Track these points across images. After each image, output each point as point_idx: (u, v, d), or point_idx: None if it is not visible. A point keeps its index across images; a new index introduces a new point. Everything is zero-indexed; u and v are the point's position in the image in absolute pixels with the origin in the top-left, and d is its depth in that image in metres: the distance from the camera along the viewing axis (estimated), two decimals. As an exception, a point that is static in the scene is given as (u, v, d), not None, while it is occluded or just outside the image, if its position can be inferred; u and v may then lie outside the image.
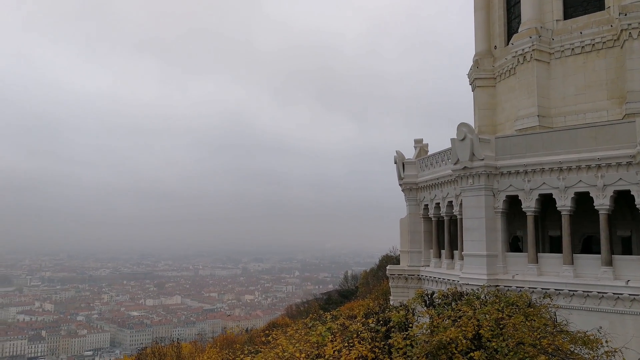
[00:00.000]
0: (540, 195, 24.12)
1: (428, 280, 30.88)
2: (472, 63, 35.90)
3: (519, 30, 30.67)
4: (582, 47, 28.73)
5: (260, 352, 14.83)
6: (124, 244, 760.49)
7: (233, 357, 21.71)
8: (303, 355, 13.18)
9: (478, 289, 18.69)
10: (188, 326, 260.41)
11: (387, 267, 34.72)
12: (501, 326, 13.57)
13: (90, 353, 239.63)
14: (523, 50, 29.76)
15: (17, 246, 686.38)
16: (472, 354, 12.73)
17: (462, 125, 25.74)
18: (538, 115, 28.97)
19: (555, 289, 22.47)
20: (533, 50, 29.26)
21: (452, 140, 26.12)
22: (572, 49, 29.06)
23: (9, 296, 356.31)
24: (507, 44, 32.70)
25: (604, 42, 28.12)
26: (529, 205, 24.34)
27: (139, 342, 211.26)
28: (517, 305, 15.79)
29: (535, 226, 24.76)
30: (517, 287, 23.26)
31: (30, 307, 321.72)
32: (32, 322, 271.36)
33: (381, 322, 14.89)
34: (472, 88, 36.21)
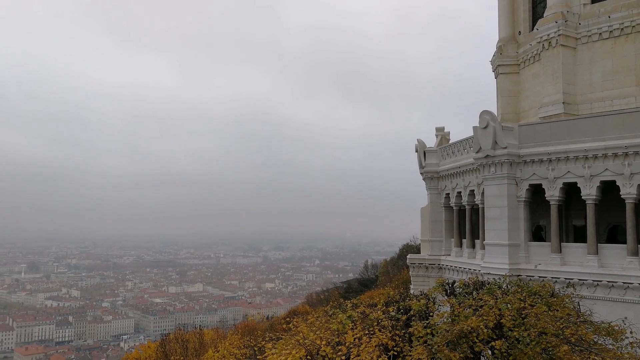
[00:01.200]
0: (564, 184, 23.71)
1: (449, 269, 30.71)
2: (495, 49, 35.29)
3: (545, 15, 29.97)
4: (610, 31, 27.96)
5: (282, 339, 14.96)
6: (147, 232, 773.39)
7: (255, 344, 22.02)
8: (324, 342, 13.25)
9: (500, 279, 18.51)
10: (210, 313, 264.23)
11: (408, 256, 34.62)
12: (523, 316, 13.44)
13: (115, 338, 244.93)
14: (548, 35, 29.10)
15: (44, 234, 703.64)
16: (493, 343, 12.66)
17: (485, 113, 25.37)
18: (563, 103, 28.37)
19: (579, 279, 22.13)
20: (559, 35, 28.59)
21: (475, 128, 25.78)
22: (600, 33, 28.31)
23: (37, 282, 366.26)
24: (532, 30, 32.02)
25: (634, 27, 27.31)
26: (553, 194, 23.94)
27: (162, 328, 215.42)
28: (540, 295, 15.60)
29: (559, 215, 24.37)
30: (539, 277, 22.98)
31: (58, 293, 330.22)
32: (60, 308, 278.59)
33: (402, 310, 14.87)
34: (495, 75, 35.61)
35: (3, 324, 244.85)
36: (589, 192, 22.80)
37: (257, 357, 15.01)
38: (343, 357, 12.45)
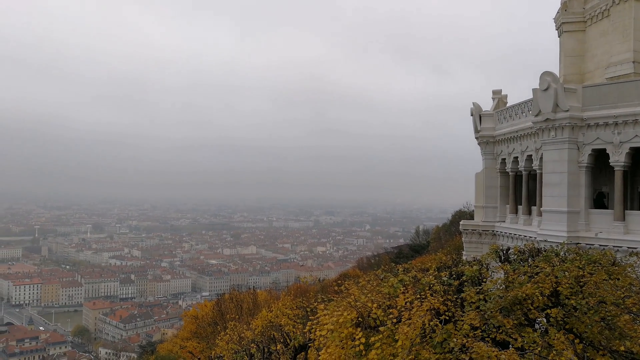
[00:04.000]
0: (631, 148, 22.43)
1: (503, 236, 30.08)
2: (559, 6, 33.25)
3: (615, -33, 27.85)
4: (689, -17, 25.73)
5: (333, 301, 15.20)
6: (202, 196, 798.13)
7: (307, 305, 22.57)
8: (375, 305, 13.38)
9: (557, 246, 17.97)
10: (263, 275, 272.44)
11: (461, 222, 34.12)
12: (581, 284, 13.04)
13: (174, 296, 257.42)
14: (618, -11, 27.11)
15: (107, 196, 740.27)
16: (549, 310, 12.40)
17: (546, 74, 24.16)
18: (633, 62, 26.58)
19: (644, 248, 21.16)
20: (630, -11, 26.60)
21: (534, 90, 24.65)
22: (677, -14, 26.11)
23: (101, 242, 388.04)
24: (600, -16, 29.88)
25: None
26: (618, 159, 22.74)
27: (217, 288, 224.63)
28: (600, 264, 15.03)
29: (623, 182, 23.19)
30: (600, 245, 22.13)
31: (120, 252, 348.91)
32: (123, 267, 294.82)
33: (454, 276, 14.74)
34: (559, 34, 33.67)
35: (73, 280, 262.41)
36: (658, 157, 21.53)
37: (310, 317, 15.38)
38: (394, 320, 12.56)
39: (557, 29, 33.89)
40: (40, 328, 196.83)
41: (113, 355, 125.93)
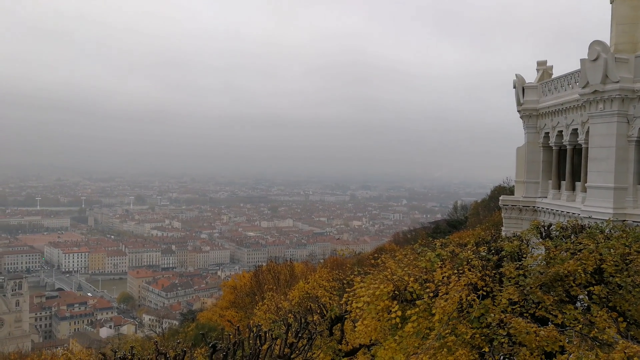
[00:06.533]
0: (685, 122, 21.34)
1: (544, 212, 29.35)
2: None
3: None
4: None
5: (370, 274, 15.24)
6: (240, 169, 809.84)
7: (343, 277, 22.77)
8: (411, 279, 13.35)
9: (602, 223, 17.41)
10: (299, 248, 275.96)
11: (501, 198, 33.44)
12: (627, 262, 12.64)
13: (213, 267, 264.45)
14: (678, -49, 25.40)
15: (149, 169, 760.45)
16: (591, 288, 12.10)
17: (595, 44, 23.07)
18: (691, 30, 25.05)
19: (695, 227, 20.27)
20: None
21: (582, 60, 23.61)
22: None
23: (144, 213, 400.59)
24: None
25: None
26: (671, 133, 21.67)
27: (255, 260, 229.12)
28: (648, 242, 14.51)
29: (676, 157, 22.16)
30: (648, 222, 21.33)
31: (162, 224, 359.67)
32: (164, 237, 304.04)
33: (492, 251, 14.52)
34: (611, 0, 31.95)
35: (117, 250, 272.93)
36: None
37: (346, 290, 15.50)
38: (431, 294, 12.51)
39: (608, -4, 32.14)
40: (88, 294, 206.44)
41: (156, 321, 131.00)
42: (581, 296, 12.51)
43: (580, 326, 11.11)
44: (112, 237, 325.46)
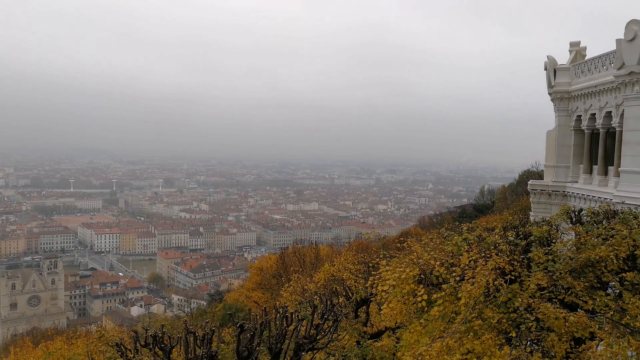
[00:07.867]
0: None
1: (575, 197, 28.74)
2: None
3: None
4: None
5: (395, 257, 15.23)
6: (267, 152, 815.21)
7: (369, 260, 22.82)
8: (438, 263, 13.29)
9: (636, 209, 16.99)
10: (325, 231, 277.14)
11: (529, 182, 32.85)
12: (662, 248, 12.33)
13: (239, 249, 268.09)
14: None
15: (177, 152, 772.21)
16: (624, 274, 11.86)
17: (632, 23, 22.22)
18: None
19: None
20: None
21: (618, 41, 22.79)
22: None
23: (172, 196, 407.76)
24: None
25: None
26: None
27: (281, 242, 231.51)
28: (684, 228, 14.10)
29: None
30: (684, 208, 20.69)
31: (190, 206, 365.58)
32: (192, 220, 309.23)
33: (521, 236, 14.33)
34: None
35: (147, 231, 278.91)
36: None
37: (371, 273, 15.54)
38: (457, 278, 12.45)
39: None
40: (120, 274, 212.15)
41: (184, 301, 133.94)
42: (613, 283, 12.29)
43: (612, 313, 10.93)
44: (142, 218, 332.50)
